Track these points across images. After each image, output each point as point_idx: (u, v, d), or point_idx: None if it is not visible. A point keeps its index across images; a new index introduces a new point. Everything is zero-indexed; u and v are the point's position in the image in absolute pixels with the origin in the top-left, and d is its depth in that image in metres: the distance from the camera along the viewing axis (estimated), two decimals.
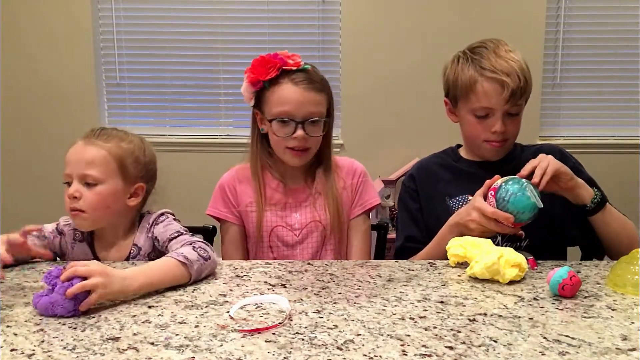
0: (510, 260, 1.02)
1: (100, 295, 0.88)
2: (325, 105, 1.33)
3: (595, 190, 1.18)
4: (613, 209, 1.21)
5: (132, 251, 1.23)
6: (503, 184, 1.12)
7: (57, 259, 1.25)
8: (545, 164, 1.13)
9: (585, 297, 0.94)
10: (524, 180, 1.12)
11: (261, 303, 0.91)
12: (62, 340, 0.77)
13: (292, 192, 1.38)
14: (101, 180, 1.17)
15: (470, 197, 1.31)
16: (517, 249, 1.07)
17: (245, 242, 1.41)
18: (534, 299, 0.93)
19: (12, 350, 0.74)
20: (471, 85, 1.25)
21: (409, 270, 1.10)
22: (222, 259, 1.33)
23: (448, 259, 1.13)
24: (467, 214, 1.16)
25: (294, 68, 1.30)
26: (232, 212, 1.38)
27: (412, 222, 1.35)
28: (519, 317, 0.85)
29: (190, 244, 1.09)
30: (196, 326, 0.82)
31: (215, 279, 1.05)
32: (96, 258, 1.22)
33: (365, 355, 0.72)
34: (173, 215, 1.26)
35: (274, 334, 0.79)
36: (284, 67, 1.29)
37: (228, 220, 1.38)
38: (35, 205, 1.91)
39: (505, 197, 1.10)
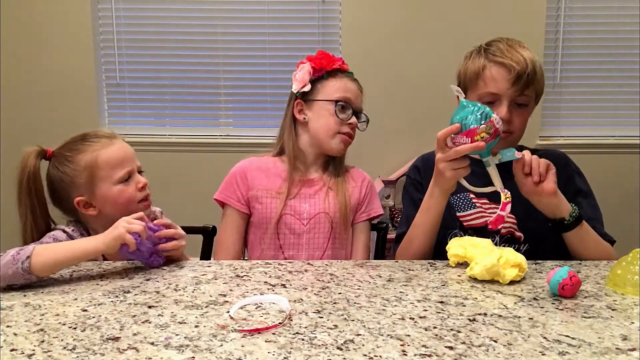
0: (510, 261, 1.02)
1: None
2: None
3: (574, 206, 1.17)
4: (590, 230, 1.20)
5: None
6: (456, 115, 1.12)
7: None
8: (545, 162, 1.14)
9: (585, 297, 0.94)
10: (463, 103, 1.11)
11: (261, 303, 0.91)
12: (62, 340, 0.77)
13: (306, 183, 1.43)
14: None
15: (472, 195, 1.31)
16: (517, 250, 1.07)
17: (244, 228, 1.44)
18: (534, 299, 0.93)
19: (12, 350, 0.74)
20: (479, 72, 1.26)
21: (409, 270, 1.10)
22: (217, 244, 1.41)
23: (433, 243, 1.11)
24: (434, 164, 1.16)
25: (345, 69, 1.48)
26: (237, 197, 1.42)
27: (416, 209, 1.35)
28: (519, 317, 0.85)
29: None
30: (196, 326, 0.82)
31: (215, 279, 1.05)
32: (103, 257, 1.23)
33: (365, 355, 0.72)
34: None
35: (274, 334, 0.79)
36: (341, 65, 1.47)
37: (230, 204, 1.43)
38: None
39: (450, 120, 1.11)
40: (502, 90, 1.23)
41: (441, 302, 0.92)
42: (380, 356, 0.72)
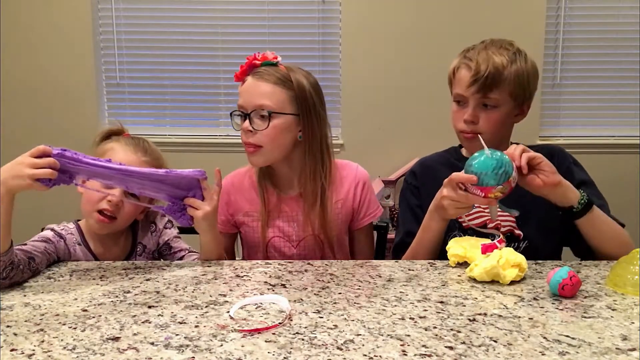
0: (510, 261, 1.01)
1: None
2: (283, 100, 1.25)
3: (582, 192, 1.16)
4: (602, 214, 1.18)
5: (137, 249, 1.27)
6: (473, 164, 1.11)
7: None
8: (529, 151, 1.13)
9: (585, 297, 0.94)
10: (485, 153, 1.10)
11: (261, 303, 0.91)
12: (62, 340, 0.77)
13: (287, 200, 1.35)
14: None
15: None
16: (516, 249, 1.07)
17: (233, 249, 1.41)
18: (534, 299, 0.93)
19: (12, 350, 0.74)
20: (453, 73, 1.28)
21: (409, 270, 1.10)
22: None
23: (437, 250, 1.12)
24: (440, 193, 1.15)
25: (259, 62, 1.27)
26: (222, 220, 1.37)
27: (412, 218, 1.35)
28: (519, 317, 0.85)
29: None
30: (196, 326, 0.82)
31: (215, 279, 1.05)
32: (95, 258, 1.23)
33: (365, 355, 0.72)
34: None
35: (274, 334, 0.79)
36: (253, 63, 1.27)
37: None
38: (36, 205, 1.91)
39: (469, 162, 1.10)
40: (465, 91, 1.23)
41: (441, 302, 0.92)
42: (380, 356, 0.72)
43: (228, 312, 0.87)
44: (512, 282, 1.01)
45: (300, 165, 1.32)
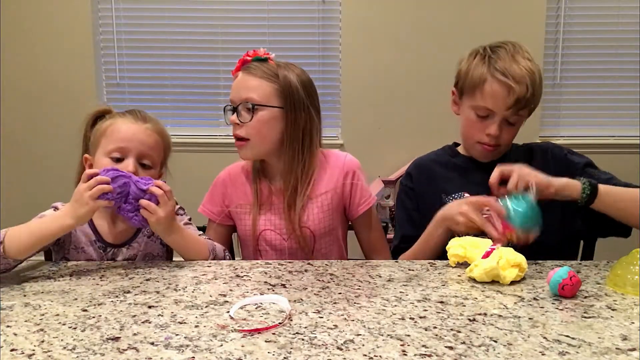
0: (510, 261, 1.01)
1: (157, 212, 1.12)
2: (269, 93, 1.27)
3: (582, 180, 1.15)
4: (613, 188, 1.17)
5: (146, 231, 1.27)
6: (509, 201, 1.11)
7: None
8: (515, 178, 1.12)
9: (585, 297, 0.94)
10: (527, 197, 1.10)
11: (261, 303, 0.91)
12: (62, 340, 0.77)
13: (277, 193, 1.34)
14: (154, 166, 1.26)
15: (467, 195, 1.30)
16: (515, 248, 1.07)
17: (229, 241, 1.41)
18: (534, 299, 0.93)
19: (12, 350, 0.74)
20: (480, 83, 1.24)
21: (409, 270, 1.10)
22: None
23: (437, 257, 1.13)
24: (458, 206, 1.15)
25: (249, 59, 1.30)
26: (217, 211, 1.38)
27: (408, 221, 1.35)
28: (519, 317, 0.85)
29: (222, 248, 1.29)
30: (196, 326, 0.82)
31: (215, 279, 1.05)
32: (98, 236, 1.23)
33: (365, 355, 0.72)
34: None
35: (274, 334, 0.79)
36: (245, 59, 1.30)
37: (211, 218, 1.39)
38: (36, 205, 1.91)
39: (511, 206, 1.10)
40: (497, 109, 1.23)
41: (441, 302, 0.92)
42: (380, 356, 0.72)
43: (228, 312, 0.87)
44: (512, 282, 1.01)
45: (256, 153, 1.33)
